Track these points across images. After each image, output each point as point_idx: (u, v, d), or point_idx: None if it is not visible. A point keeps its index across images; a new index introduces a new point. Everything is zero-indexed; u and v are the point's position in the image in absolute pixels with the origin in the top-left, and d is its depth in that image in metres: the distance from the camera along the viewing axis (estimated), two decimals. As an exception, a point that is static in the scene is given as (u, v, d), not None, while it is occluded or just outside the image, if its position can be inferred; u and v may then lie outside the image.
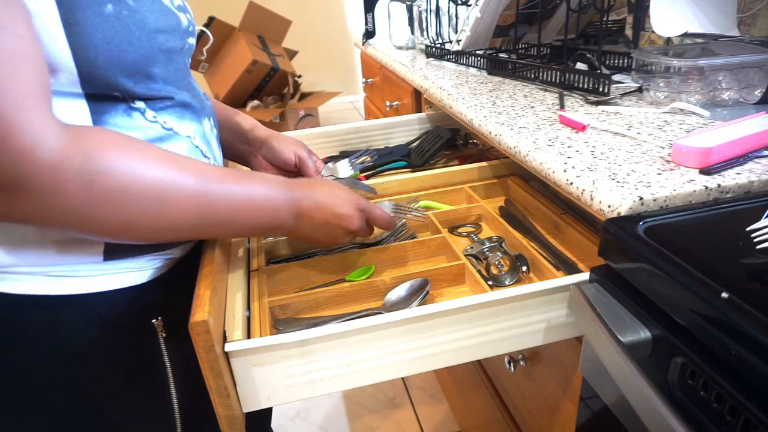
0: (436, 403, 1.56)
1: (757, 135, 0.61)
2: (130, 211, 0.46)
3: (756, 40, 0.87)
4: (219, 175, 0.52)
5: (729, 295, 0.38)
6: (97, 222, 0.45)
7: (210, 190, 0.51)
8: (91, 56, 0.46)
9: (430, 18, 1.37)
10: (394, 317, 0.53)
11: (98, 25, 0.46)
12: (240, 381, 0.52)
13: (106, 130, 0.46)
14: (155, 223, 0.48)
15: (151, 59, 0.51)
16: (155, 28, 0.50)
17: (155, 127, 0.53)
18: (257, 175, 0.58)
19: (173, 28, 0.53)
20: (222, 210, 0.52)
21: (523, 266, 0.69)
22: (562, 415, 0.74)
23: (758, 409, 0.35)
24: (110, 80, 0.48)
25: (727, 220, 0.51)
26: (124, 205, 0.45)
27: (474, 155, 1.09)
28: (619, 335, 0.46)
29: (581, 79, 0.91)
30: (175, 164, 0.49)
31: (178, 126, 0.56)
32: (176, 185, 0.48)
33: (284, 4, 3.92)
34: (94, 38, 0.45)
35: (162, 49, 0.52)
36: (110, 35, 0.46)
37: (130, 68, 0.49)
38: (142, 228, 0.48)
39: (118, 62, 0.48)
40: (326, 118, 3.99)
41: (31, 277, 0.51)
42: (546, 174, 0.65)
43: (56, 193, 0.41)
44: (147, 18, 0.50)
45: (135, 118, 0.52)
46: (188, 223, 0.50)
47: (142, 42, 0.49)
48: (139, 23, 0.49)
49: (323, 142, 1.16)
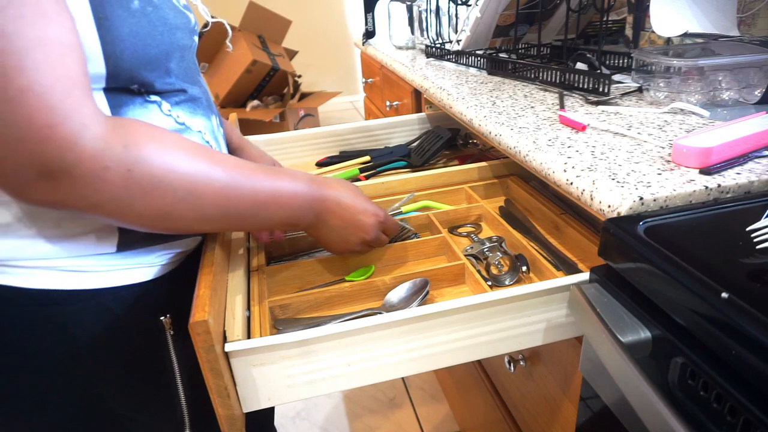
0: (436, 403, 1.56)
1: (757, 135, 0.61)
2: (165, 200, 0.47)
3: (756, 40, 0.87)
4: (248, 169, 0.54)
5: (729, 295, 0.38)
6: (135, 210, 0.46)
7: (239, 183, 0.52)
8: (118, 50, 0.47)
9: (430, 18, 1.37)
10: (394, 317, 0.53)
11: (125, 20, 0.47)
12: (240, 381, 0.52)
13: (142, 122, 0.47)
14: (188, 213, 0.49)
15: (169, 54, 0.53)
16: (174, 25, 0.53)
17: (169, 121, 0.55)
18: (285, 170, 0.59)
19: (186, 25, 0.56)
20: (249, 204, 0.53)
21: (523, 266, 0.69)
22: (562, 415, 0.74)
23: (758, 409, 0.35)
24: (133, 74, 0.50)
25: (727, 220, 0.51)
26: (160, 195, 0.46)
27: (474, 155, 1.09)
28: (619, 335, 0.46)
29: (581, 79, 0.90)
30: (208, 157, 0.50)
31: (191, 121, 0.57)
32: (208, 177, 0.49)
33: (284, 4, 3.92)
34: (122, 32, 0.47)
35: (178, 45, 0.54)
36: (136, 29, 0.48)
37: (152, 63, 0.51)
38: (176, 217, 0.49)
39: (143, 56, 0.49)
40: (326, 118, 3.99)
41: (42, 272, 0.52)
42: (546, 174, 0.65)
43: (98, 180, 0.42)
44: (168, 14, 0.52)
45: (151, 110, 0.53)
46: (217, 214, 0.51)
47: (164, 37, 0.51)
48: (162, 19, 0.51)
49: (323, 142, 1.16)
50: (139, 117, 0.52)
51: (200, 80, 0.63)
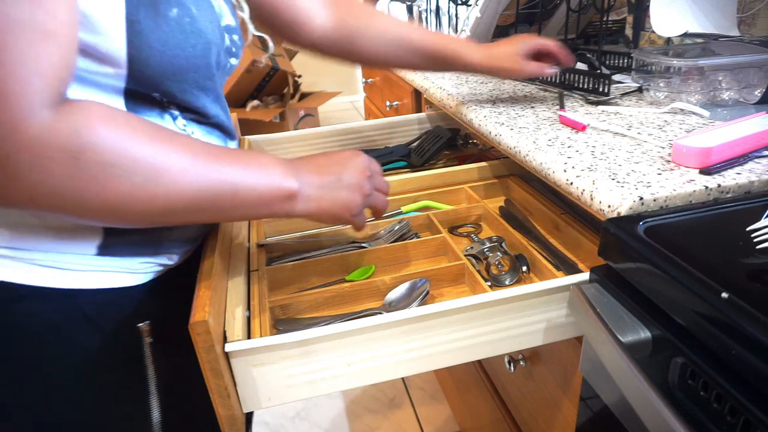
0: (436, 403, 1.56)
1: (757, 135, 0.61)
2: (120, 189, 0.42)
3: (756, 40, 0.87)
4: (216, 152, 0.49)
5: (729, 295, 0.38)
6: (85, 201, 0.42)
7: (206, 167, 0.47)
8: (144, 56, 0.46)
9: (430, 18, 1.37)
10: (394, 317, 0.53)
11: (159, 27, 0.46)
12: (240, 381, 0.52)
13: (101, 104, 0.43)
14: (148, 202, 0.44)
15: (199, 69, 0.51)
16: (210, 40, 0.51)
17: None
18: (259, 154, 0.54)
19: (224, 45, 0.54)
20: (218, 189, 0.48)
21: (523, 266, 0.69)
22: (562, 415, 0.74)
23: (758, 409, 0.35)
24: (157, 82, 0.48)
25: (727, 220, 0.51)
26: (114, 183, 0.42)
27: (474, 155, 1.09)
28: (619, 335, 0.46)
29: (581, 79, 0.91)
30: (167, 140, 0.45)
31: (204, 140, 0.55)
32: (169, 161, 0.45)
33: (284, 4, 3.91)
34: (151, 38, 0.45)
35: (211, 62, 0.52)
36: (167, 39, 0.46)
37: (178, 75, 0.49)
38: (135, 208, 0.44)
39: (169, 67, 0.48)
40: (326, 118, 3.99)
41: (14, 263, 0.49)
42: (546, 174, 0.65)
43: (39, 171, 0.39)
44: (206, 28, 0.50)
45: (166, 121, 0.52)
46: (183, 203, 0.46)
47: (196, 50, 0.49)
48: (198, 32, 0.49)
49: (323, 142, 1.16)
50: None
51: (224, 103, 0.60)
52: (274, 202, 0.52)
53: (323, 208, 0.55)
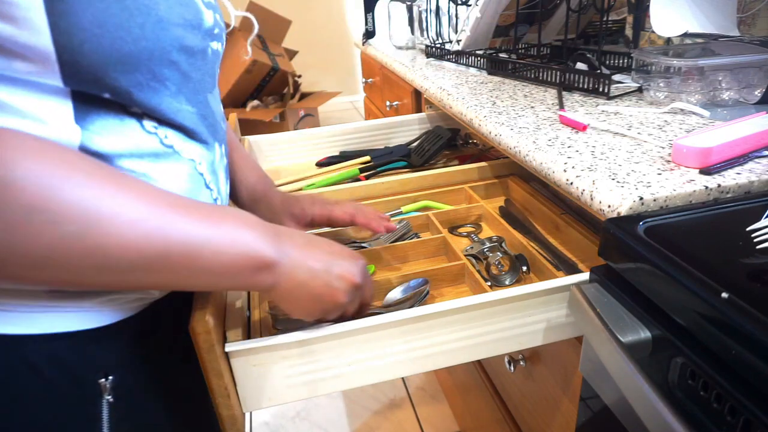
0: (436, 403, 1.56)
1: (757, 135, 0.61)
2: (46, 238, 0.34)
3: (756, 40, 0.87)
4: (178, 203, 0.40)
5: (729, 295, 0.38)
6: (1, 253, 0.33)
7: (163, 220, 0.38)
8: (76, 41, 0.36)
9: (430, 18, 1.37)
10: (394, 317, 0.53)
11: (90, 3, 0.36)
12: (240, 381, 0.52)
13: (27, 134, 0.35)
14: (82, 258, 0.35)
15: (158, 56, 0.41)
16: (166, 18, 0.41)
17: (152, 140, 0.44)
18: (236, 211, 0.45)
19: (192, 23, 0.44)
20: (175, 248, 0.39)
21: (523, 266, 0.69)
22: (562, 415, 0.74)
23: (758, 409, 0.35)
24: (99, 74, 0.39)
25: (727, 220, 0.51)
26: (39, 230, 0.33)
27: (474, 155, 1.09)
28: (619, 335, 0.46)
29: (581, 79, 0.91)
30: (114, 181, 0.37)
31: (182, 145, 0.46)
32: (114, 208, 0.36)
33: (284, 4, 3.91)
34: (82, 19, 0.36)
35: (177, 47, 0.42)
36: (103, 18, 0.37)
37: (127, 64, 0.39)
38: (65, 264, 0.35)
39: (111, 53, 0.38)
40: (326, 118, 3.99)
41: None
42: (546, 174, 0.65)
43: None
44: (157, 3, 0.40)
45: (128, 125, 0.42)
46: (128, 262, 0.37)
47: (145, 32, 0.39)
48: (144, 8, 0.39)
49: (323, 142, 1.16)
50: (109, 132, 0.41)
51: (210, 99, 0.51)
52: (243, 272, 0.42)
53: (299, 293, 0.47)
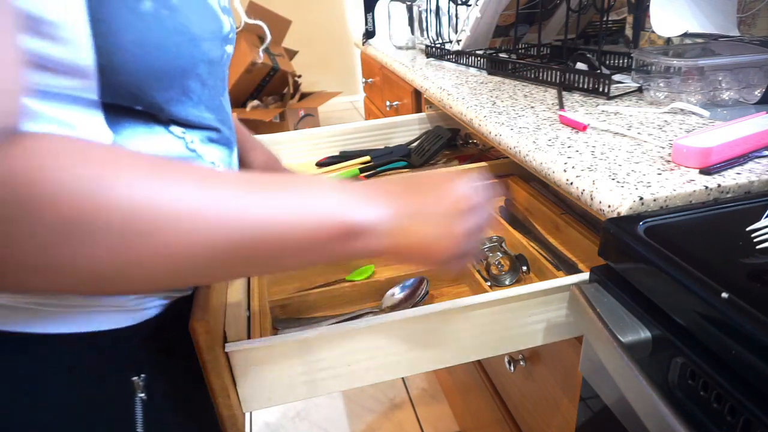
0: (436, 403, 1.56)
1: (757, 135, 0.61)
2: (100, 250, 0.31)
3: (756, 40, 0.87)
4: (259, 180, 0.37)
5: (729, 295, 0.38)
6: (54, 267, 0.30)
7: (238, 206, 0.34)
8: (116, 60, 0.37)
9: (430, 18, 1.37)
10: (394, 317, 0.53)
11: (131, 25, 0.37)
12: (240, 381, 0.52)
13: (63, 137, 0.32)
14: (150, 263, 0.32)
15: (189, 71, 0.42)
16: (198, 35, 0.42)
17: (179, 144, 0.45)
18: (305, 178, 0.41)
19: (215, 34, 0.44)
20: (258, 237, 0.35)
21: (523, 266, 0.69)
22: (562, 415, 0.74)
23: (758, 409, 0.35)
24: (137, 91, 0.40)
25: (727, 220, 0.51)
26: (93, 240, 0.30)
27: (474, 155, 1.09)
28: (619, 335, 0.46)
29: (581, 79, 0.91)
30: (171, 171, 0.34)
31: (204, 149, 0.47)
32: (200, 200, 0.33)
33: (284, 4, 3.91)
34: (124, 40, 0.37)
35: (204, 61, 0.43)
36: (143, 37, 0.38)
37: (163, 80, 0.41)
38: (131, 272, 0.32)
39: (149, 72, 0.39)
40: (326, 118, 3.99)
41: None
42: (546, 174, 0.65)
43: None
44: (190, 21, 0.41)
45: (158, 132, 0.43)
46: (203, 259, 0.34)
47: (181, 50, 0.40)
48: (180, 27, 0.40)
49: (323, 142, 1.16)
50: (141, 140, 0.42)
51: (225, 103, 0.51)
52: (331, 242, 0.38)
53: (409, 244, 0.41)
